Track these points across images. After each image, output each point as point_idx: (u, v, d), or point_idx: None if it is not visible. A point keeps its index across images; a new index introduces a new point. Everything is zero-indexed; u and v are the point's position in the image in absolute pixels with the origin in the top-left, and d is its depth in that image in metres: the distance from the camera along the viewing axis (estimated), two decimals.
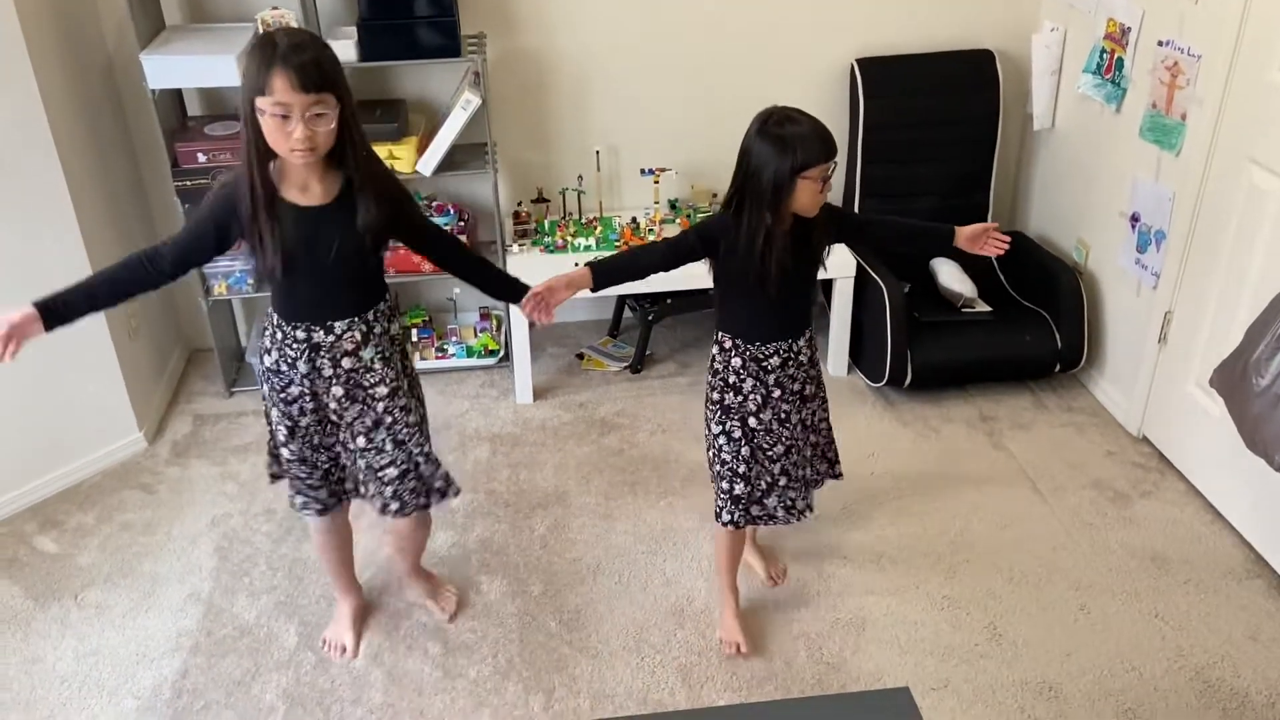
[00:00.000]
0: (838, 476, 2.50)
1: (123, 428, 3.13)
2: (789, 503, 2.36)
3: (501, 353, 3.55)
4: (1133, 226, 3.08)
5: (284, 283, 2.05)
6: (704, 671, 2.41)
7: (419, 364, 3.32)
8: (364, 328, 2.11)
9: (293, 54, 1.82)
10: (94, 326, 2.95)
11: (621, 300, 3.71)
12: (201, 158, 3.04)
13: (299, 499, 2.28)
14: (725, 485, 2.34)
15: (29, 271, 2.79)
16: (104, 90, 3.16)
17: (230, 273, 3.26)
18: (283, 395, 2.13)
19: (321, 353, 2.10)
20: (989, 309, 3.41)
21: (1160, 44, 2.87)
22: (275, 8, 2.95)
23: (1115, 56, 3.10)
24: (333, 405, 2.15)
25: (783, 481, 2.34)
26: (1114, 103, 3.13)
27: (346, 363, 2.11)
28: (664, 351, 3.66)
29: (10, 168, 2.69)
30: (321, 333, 2.09)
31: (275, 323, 2.11)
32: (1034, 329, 3.32)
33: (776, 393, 2.28)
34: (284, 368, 2.11)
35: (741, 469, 2.32)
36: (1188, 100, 2.79)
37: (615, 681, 2.39)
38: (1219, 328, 2.73)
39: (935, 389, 3.35)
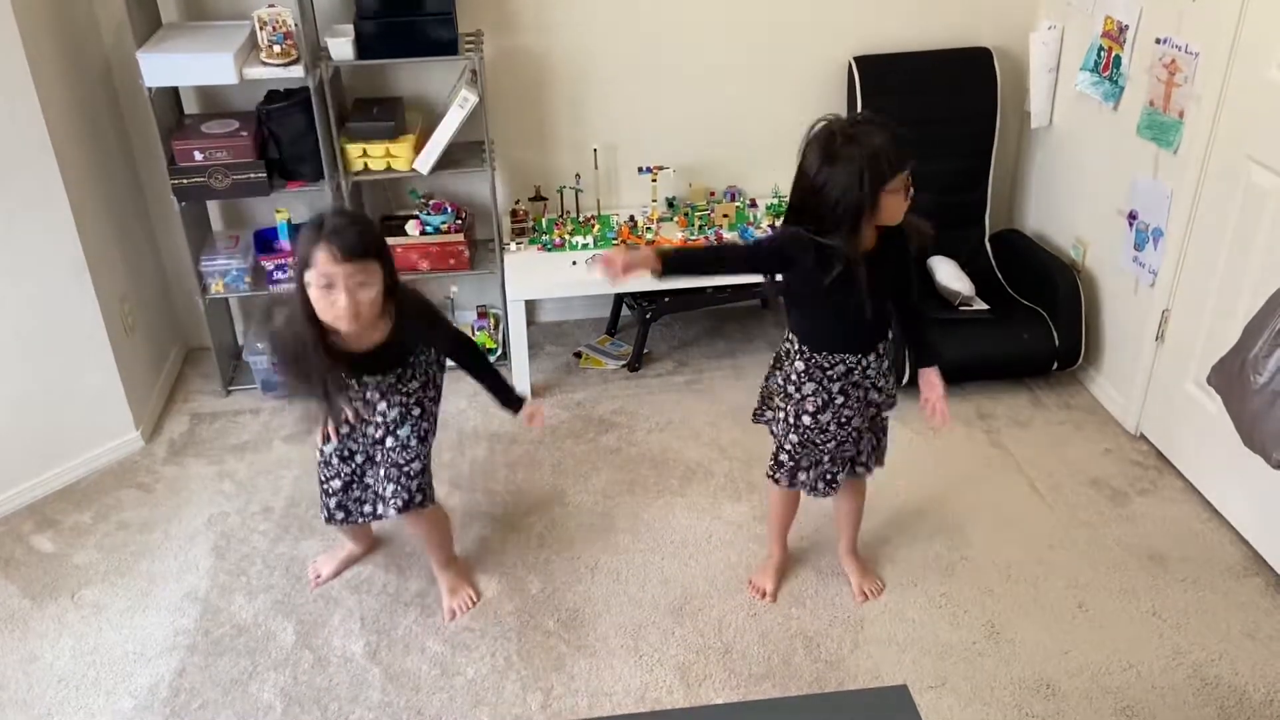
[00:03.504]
0: (879, 464, 2.48)
1: (119, 426, 3.12)
2: (829, 477, 2.39)
3: (499, 351, 3.55)
4: (1130, 224, 3.08)
5: None
6: (702, 669, 2.41)
7: None
8: (393, 397, 2.34)
9: (335, 233, 2.02)
10: (91, 324, 2.95)
11: (619, 299, 3.71)
12: (198, 156, 3.03)
13: (321, 499, 2.47)
14: (775, 450, 2.41)
15: (26, 269, 2.80)
16: (101, 88, 3.16)
17: (227, 271, 3.25)
18: None
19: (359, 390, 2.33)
20: (987, 307, 3.41)
21: (1158, 41, 2.87)
22: (272, 4, 2.94)
23: (1113, 54, 3.10)
24: (363, 427, 2.37)
25: (826, 461, 2.37)
26: (1112, 100, 3.13)
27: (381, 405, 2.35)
28: (662, 350, 3.66)
29: (7, 165, 2.68)
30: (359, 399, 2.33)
31: None
32: (1032, 327, 3.32)
33: (840, 399, 2.29)
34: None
35: (788, 447, 2.37)
36: (1185, 98, 2.79)
37: (613, 680, 2.39)
38: (1217, 325, 2.73)
39: None
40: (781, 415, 2.37)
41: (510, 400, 2.47)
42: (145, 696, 2.37)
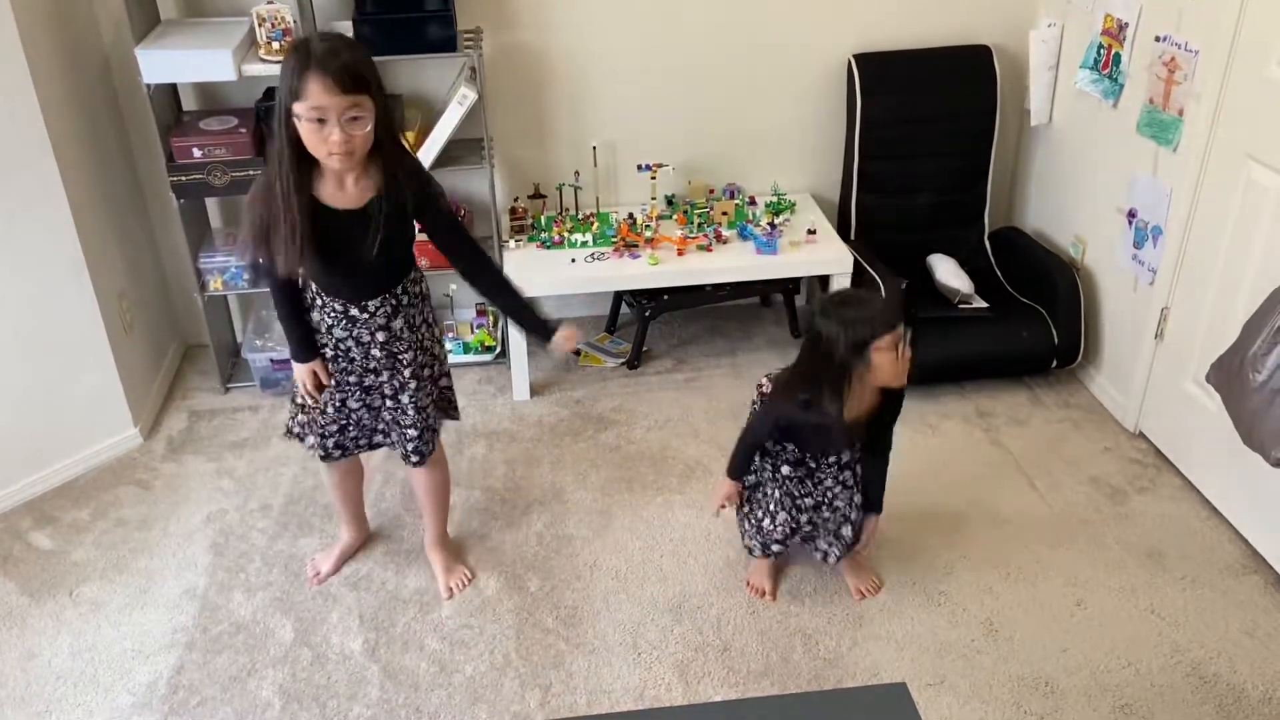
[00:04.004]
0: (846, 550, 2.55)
1: (118, 423, 3.12)
2: (815, 548, 2.54)
3: (498, 349, 3.55)
4: (1130, 222, 3.08)
5: (319, 269, 2.16)
6: (701, 667, 2.41)
7: None
8: (394, 302, 2.25)
9: (328, 58, 1.87)
10: (89, 321, 2.95)
11: (618, 296, 3.71)
12: (197, 153, 3.03)
13: (310, 438, 2.42)
14: (750, 519, 2.53)
15: (25, 266, 2.79)
16: (99, 85, 3.15)
17: (226, 268, 3.25)
18: (321, 344, 2.30)
19: (358, 325, 2.25)
20: (986, 305, 3.41)
21: (1158, 39, 2.87)
22: (270, 1, 2.94)
23: (1112, 52, 3.10)
24: (371, 364, 2.30)
25: (808, 529, 2.49)
26: (1111, 98, 3.13)
27: (381, 335, 2.26)
28: (661, 348, 3.66)
29: (5, 163, 2.68)
30: (356, 310, 2.23)
31: (314, 289, 2.24)
32: (1031, 325, 3.32)
33: (820, 474, 2.44)
34: (322, 328, 2.28)
35: (764, 505, 2.48)
36: (1185, 96, 2.79)
37: (612, 677, 2.39)
38: (1216, 323, 2.73)
39: (932, 385, 3.35)
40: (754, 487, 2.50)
41: (535, 325, 2.28)
42: (144, 694, 2.37)
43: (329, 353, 2.30)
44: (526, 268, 3.29)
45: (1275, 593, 2.58)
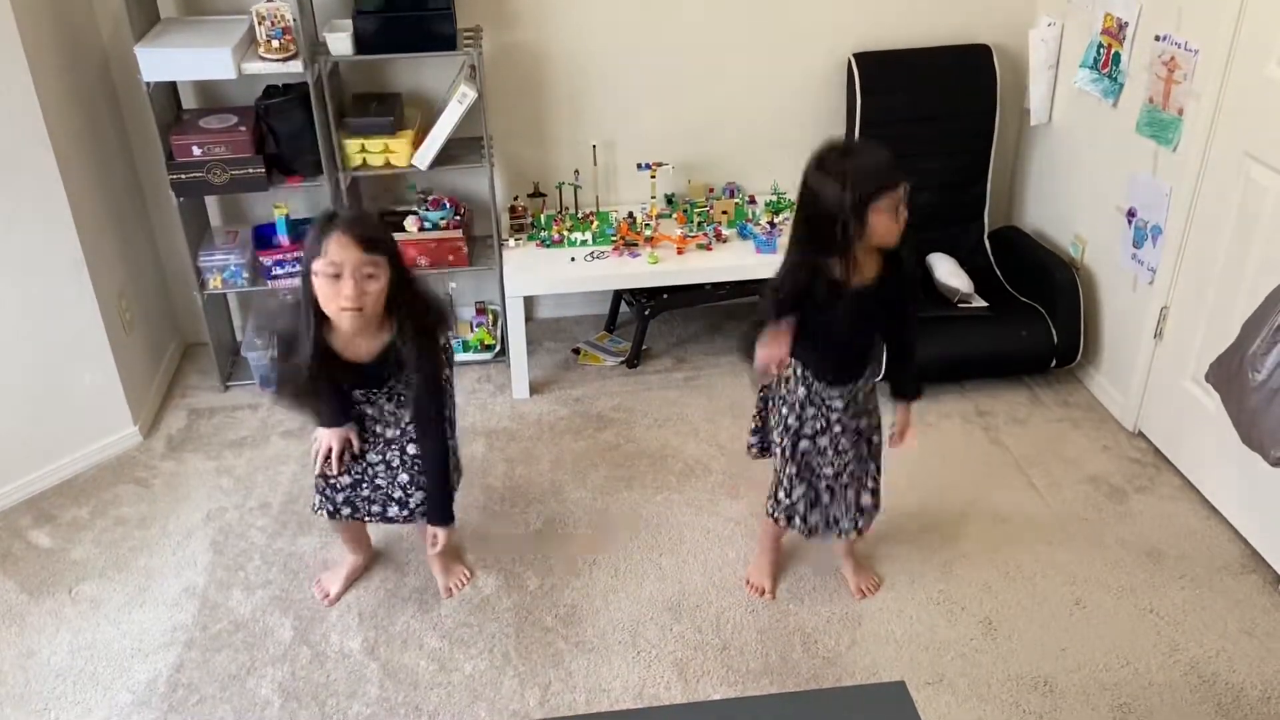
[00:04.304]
0: (857, 529, 2.48)
1: (117, 422, 3.12)
2: (831, 519, 2.44)
3: (498, 348, 3.55)
4: (1129, 222, 3.08)
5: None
6: (700, 666, 2.41)
7: None
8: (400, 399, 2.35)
9: (351, 223, 2.05)
10: (89, 320, 2.95)
11: (618, 295, 3.71)
12: (196, 150, 3.03)
13: (317, 498, 2.45)
14: (774, 487, 2.44)
15: (24, 265, 2.79)
16: (99, 83, 3.15)
17: (225, 266, 3.25)
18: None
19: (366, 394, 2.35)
20: (985, 304, 3.41)
21: (1157, 39, 2.87)
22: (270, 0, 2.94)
23: (1112, 51, 3.10)
24: (374, 427, 2.37)
25: (827, 498, 2.41)
26: (1111, 98, 3.13)
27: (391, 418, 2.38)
28: (660, 346, 3.66)
29: (5, 160, 2.68)
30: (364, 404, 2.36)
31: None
32: (1030, 325, 3.32)
33: (837, 429, 2.33)
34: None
35: (785, 482, 2.40)
36: (1185, 95, 2.79)
37: (611, 676, 2.39)
38: (1215, 323, 2.73)
39: (932, 385, 3.33)
40: (780, 451, 2.38)
41: (433, 502, 2.37)
42: (143, 691, 2.37)
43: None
44: (526, 266, 3.29)
45: (1274, 592, 2.58)
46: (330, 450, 2.34)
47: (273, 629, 2.52)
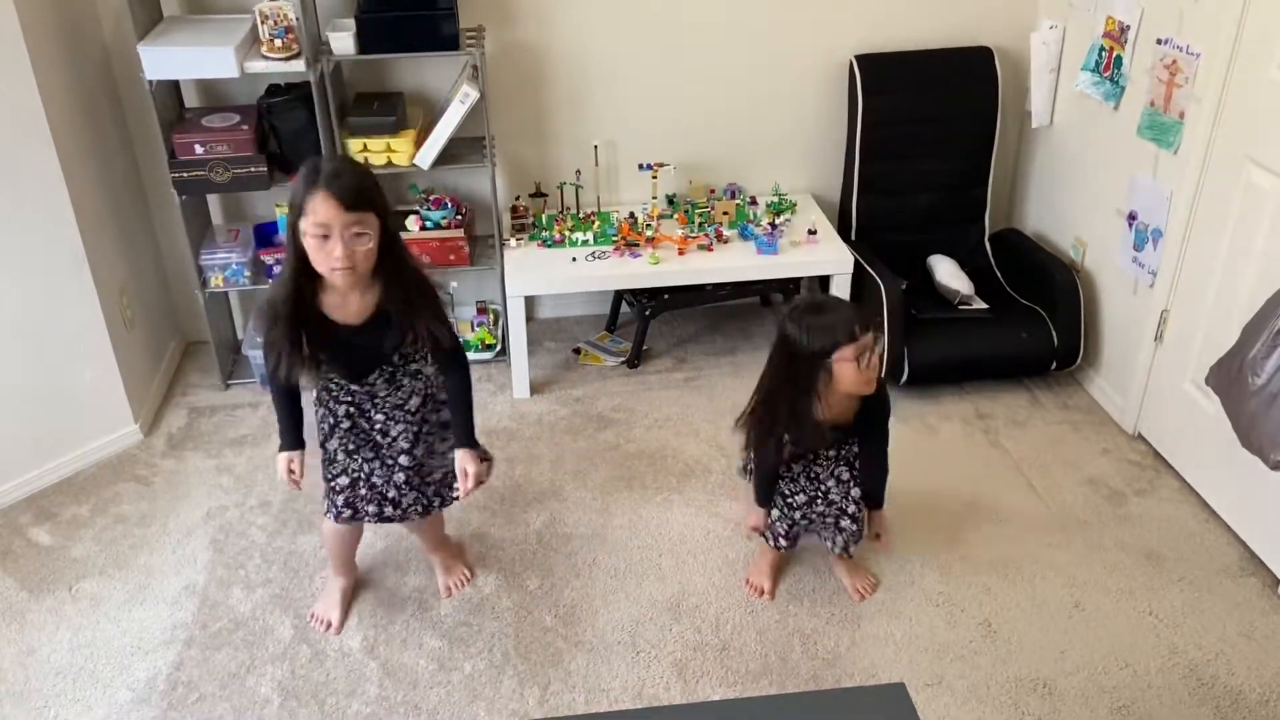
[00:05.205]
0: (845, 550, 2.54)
1: (118, 420, 3.12)
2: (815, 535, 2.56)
3: (499, 347, 3.55)
4: (1130, 224, 3.09)
5: (321, 369, 2.27)
6: (699, 666, 2.41)
7: None
8: (398, 378, 2.30)
9: (333, 177, 1.96)
10: (89, 317, 2.95)
11: (619, 295, 3.71)
12: (199, 149, 3.03)
13: (325, 501, 2.42)
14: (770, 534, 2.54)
15: (25, 262, 2.79)
16: (101, 81, 3.15)
17: (227, 265, 3.25)
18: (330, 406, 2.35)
19: (359, 395, 2.30)
20: (986, 307, 3.41)
21: (1159, 42, 2.87)
22: None
23: (1114, 54, 3.10)
24: (377, 426, 2.33)
25: (804, 524, 2.51)
26: (1112, 100, 3.13)
27: (387, 403, 2.32)
28: (661, 346, 3.66)
29: (7, 158, 2.68)
30: (358, 387, 2.29)
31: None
32: (1031, 327, 3.32)
33: (817, 468, 2.45)
34: (326, 396, 2.34)
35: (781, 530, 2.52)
36: (1186, 98, 2.79)
37: (610, 676, 2.39)
38: (1215, 326, 2.73)
39: (932, 386, 3.35)
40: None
41: (459, 428, 2.36)
42: (143, 689, 2.37)
43: (345, 424, 2.33)
44: (527, 266, 3.29)
45: (1273, 595, 2.58)
46: (290, 472, 2.34)
47: (272, 627, 2.52)
